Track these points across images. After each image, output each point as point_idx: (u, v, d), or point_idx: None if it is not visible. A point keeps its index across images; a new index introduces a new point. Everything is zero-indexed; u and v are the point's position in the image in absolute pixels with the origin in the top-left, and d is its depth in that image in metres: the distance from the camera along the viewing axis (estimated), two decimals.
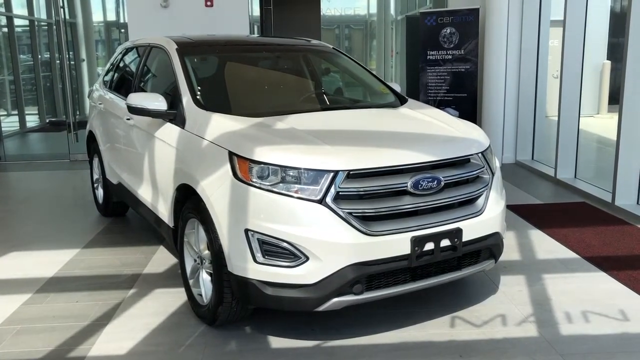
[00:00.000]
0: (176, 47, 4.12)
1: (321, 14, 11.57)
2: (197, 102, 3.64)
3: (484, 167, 3.33)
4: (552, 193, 6.34)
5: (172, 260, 4.33)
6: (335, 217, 2.83)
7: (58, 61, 9.92)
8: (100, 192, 5.54)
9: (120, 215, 5.52)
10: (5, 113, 11.77)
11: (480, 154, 3.35)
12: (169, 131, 3.71)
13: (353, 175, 2.90)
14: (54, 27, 9.48)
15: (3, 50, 11.66)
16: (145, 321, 3.37)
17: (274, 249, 2.87)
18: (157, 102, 3.70)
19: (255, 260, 2.89)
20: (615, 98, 5.97)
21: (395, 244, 2.91)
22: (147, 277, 4.04)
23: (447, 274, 3.17)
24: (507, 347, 3.04)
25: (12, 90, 11.65)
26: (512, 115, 7.80)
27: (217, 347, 3.08)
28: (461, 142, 3.38)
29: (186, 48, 4.15)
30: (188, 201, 3.37)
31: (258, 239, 2.88)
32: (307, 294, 2.86)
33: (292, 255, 2.84)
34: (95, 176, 5.64)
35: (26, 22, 12.25)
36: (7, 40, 11.29)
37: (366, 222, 2.89)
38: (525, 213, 5.41)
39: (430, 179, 3.03)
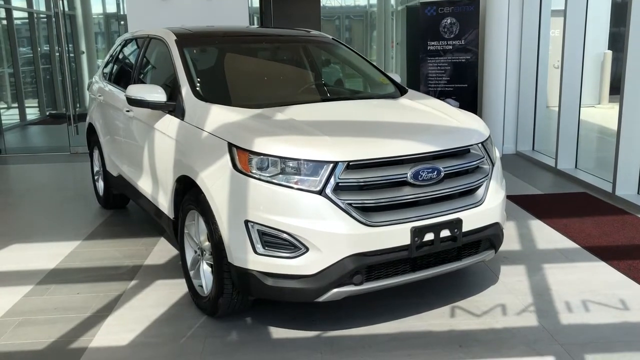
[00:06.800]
0: (175, 38, 4.11)
1: (321, 4, 11.52)
2: (196, 93, 3.64)
3: (484, 157, 3.33)
4: (552, 183, 6.33)
5: (172, 251, 4.34)
6: (335, 208, 2.83)
7: (58, 53, 9.92)
8: (100, 185, 5.55)
9: (121, 207, 5.52)
10: (5, 106, 11.77)
11: (480, 144, 3.34)
12: (169, 123, 3.71)
13: (353, 166, 2.90)
14: (53, 19, 9.45)
15: (2, 43, 11.63)
16: (146, 313, 3.38)
17: (274, 240, 2.87)
18: (156, 94, 3.69)
19: (255, 252, 2.89)
20: (617, 88, 5.95)
21: (395, 235, 2.91)
22: (147, 268, 4.05)
23: (447, 264, 3.17)
24: (507, 336, 3.05)
25: (12, 83, 11.64)
26: (513, 105, 7.78)
27: (218, 338, 3.09)
28: (461, 133, 3.38)
29: (185, 39, 4.13)
30: (188, 193, 3.37)
31: (258, 230, 2.88)
32: (307, 285, 2.86)
33: (292, 246, 2.85)
34: (96, 168, 5.64)
35: (25, 15, 12.22)
36: (6, 32, 11.26)
37: (366, 212, 2.89)
38: (526, 203, 5.41)
39: (430, 170, 3.03)
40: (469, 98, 7.86)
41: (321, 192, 2.84)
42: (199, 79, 3.82)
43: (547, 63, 7.75)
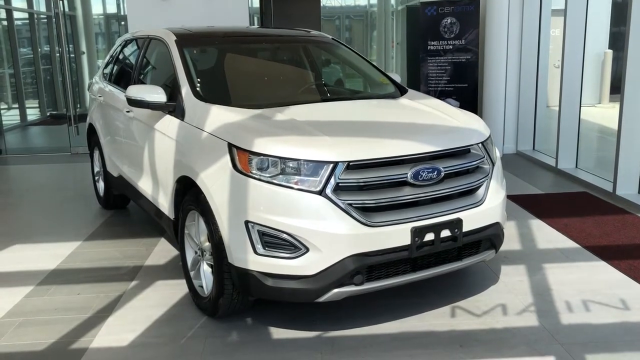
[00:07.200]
0: (175, 38, 4.11)
1: (321, 4, 11.52)
2: (196, 93, 3.64)
3: (484, 157, 3.32)
4: (553, 183, 6.33)
5: (173, 252, 4.34)
6: (335, 208, 2.83)
7: (58, 54, 9.92)
8: (101, 185, 5.55)
9: (121, 207, 5.53)
10: (6, 106, 11.77)
11: (480, 144, 3.34)
12: (169, 123, 3.71)
13: (353, 166, 2.90)
14: (54, 19, 9.45)
15: (3, 44, 11.64)
16: (147, 313, 3.38)
17: (274, 241, 2.87)
18: (156, 94, 3.69)
19: (255, 252, 2.89)
20: (617, 87, 5.95)
21: (395, 235, 2.91)
22: (148, 269, 4.05)
23: (447, 264, 3.17)
24: (507, 336, 3.05)
25: (12, 83, 11.65)
26: (513, 105, 7.78)
27: (219, 338, 3.09)
28: (461, 133, 3.37)
29: (185, 40, 4.13)
30: (188, 193, 3.37)
31: (258, 231, 2.88)
32: (307, 285, 2.86)
33: (292, 246, 2.85)
34: (96, 169, 5.64)
35: (26, 15, 12.22)
36: (7, 33, 11.26)
37: (366, 213, 2.89)
38: (526, 203, 5.41)
39: (430, 170, 3.03)
40: (469, 98, 7.85)
41: (321, 193, 2.84)
42: (199, 80, 3.82)
43: (548, 62, 7.74)
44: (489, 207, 3.24)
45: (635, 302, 3.40)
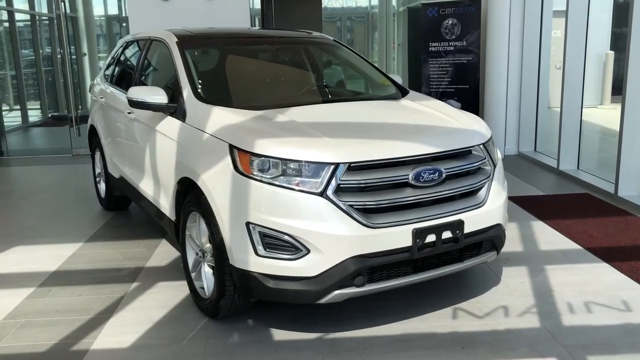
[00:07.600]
0: (176, 40, 4.11)
1: (322, 6, 11.54)
2: (197, 95, 3.64)
3: (485, 158, 3.32)
4: (554, 184, 6.32)
5: (174, 253, 4.34)
6: (336, 210, 2.83)
7: (59, 55, 9.93)
8: (102, 186, 5.55)
9: (123, 209, 5.53)
10: (7, 108, 11.78)
11: (481, 146, 3.34)
12: (170, 124, 3.71)
13: (354, 167, 2.89)
14: (55, 21, 9.46)
15: (5, 45, 11.66)
16: (148, 314, 3.38)
17: (275, 242, 2.87)
18: (158, 96, 3.69)
19: (256, 253, 2.89)
20: (619, 89, 5.94)
21: (396, 236, 2.90)
22: (149, 270, 4.05)
23: (448, 265, 3.16)
24: (509, 338, 3.04)
25: (14, 85, 11.66)
26: (515, 106, 7.77)
27: (220, 339, 3.09)
28: (462, 134, 3.37)
29: (186, 41, 4.14)
30: (189, 194, 3.37)
31: (259, 232, 2.88)
32: (308, 287, 2.86)
33: (293, 248, 2.84)
34: (97, 170, 5.65)
35: (27, 17, 12.24)
36: (8, 35, 11.28)
37: (367, 214, 2.88)
38: (528, 204, 5.40)
39: (431, 171, 3.03)
40: (470, 99, 7.85)
41: (322, 194, 2.84)
42: (200, 81, 3.82)
43: (549, 64, 7.74)
44: (490, 208, 3.23)
45: (637, 303, 3.39)
